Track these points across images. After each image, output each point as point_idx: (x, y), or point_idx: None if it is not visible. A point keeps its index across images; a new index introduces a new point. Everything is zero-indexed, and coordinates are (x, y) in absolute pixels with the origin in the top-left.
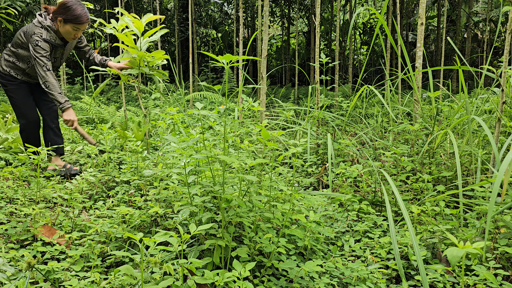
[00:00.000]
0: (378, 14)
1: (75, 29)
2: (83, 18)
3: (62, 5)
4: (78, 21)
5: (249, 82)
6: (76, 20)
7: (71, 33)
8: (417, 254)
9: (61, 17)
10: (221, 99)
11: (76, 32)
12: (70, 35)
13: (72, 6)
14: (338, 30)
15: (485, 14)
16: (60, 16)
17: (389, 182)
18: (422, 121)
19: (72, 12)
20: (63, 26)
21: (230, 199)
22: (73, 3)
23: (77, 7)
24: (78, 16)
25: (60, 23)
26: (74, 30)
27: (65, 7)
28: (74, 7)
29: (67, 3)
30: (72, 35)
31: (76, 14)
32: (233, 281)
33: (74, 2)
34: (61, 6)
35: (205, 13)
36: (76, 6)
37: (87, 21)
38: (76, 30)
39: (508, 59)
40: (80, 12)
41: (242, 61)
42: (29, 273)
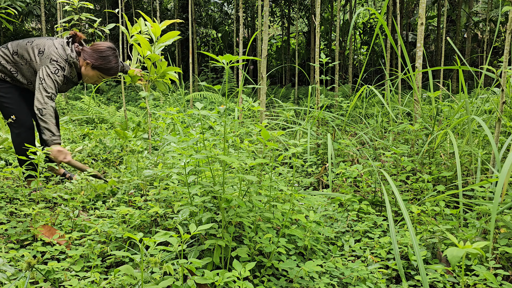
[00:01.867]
0: (378, 14)
1: (100, 77)
2: (114, 71)
3: (97, 51)
4: (108, 73)
5: (249, 82)
6: (108, 71)
7: (93, 79)
8: (417, 254)
9: (91, 61)
10: (221, 99)
11: (98, 80)
12: (91, 79)
13: (108, 57)
14: (338, 30)
15: (485, 14)
16: (90, 60)
17: (389, 182)
18: (422, 121)
19: (107, 63)
20: (88, 70)
21: (230, 199)
22: (110, 54)
23: (113, 60)
24: (111, 68)
25: (87, 66)
26: (98, 78)
27: (100, 55)
28: (110, 59)
29: (103, 51)
30: (93, 80)
31: (109, 66)
32: (233, 281)
33: (111, 53)
34: (96, 51)
35: (205, 13)
36: (112, 58)
37: (115, 74)
38: (100, 78)
39: (508, 59)
40: (114, 65)
41: (242, 61)
42: (29, 273)
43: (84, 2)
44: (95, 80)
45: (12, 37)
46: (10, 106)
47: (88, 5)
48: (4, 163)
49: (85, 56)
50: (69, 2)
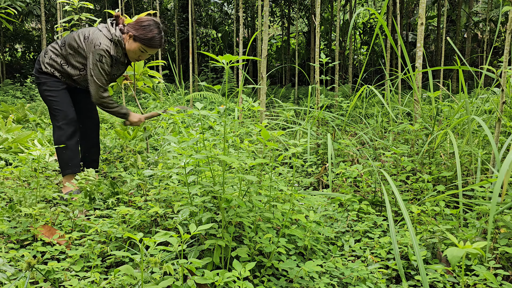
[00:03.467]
0: (378, 14)
1: (142, 50)
2: (156, 42)
3: (139, 22)
4: (149, 44)
5: (249, 82)
6: (148, 42)
7: (136, 53)
8: (417, 254)
9: (132, 33)
10: (221, 99)
11: (142, 54)
12: (134, 54)
13: (149, 26)
14: (338, 30)
15: (485, 14)
16: (132, 31)
17: (389, 182)
18: (422, 121)
19: (147, 33)
20: (131, 43)
21: (230, 199)
22: (151, 24)
23: (154, 29)
24: (151, 39)
25: (130, 39)
26: (140, 52)
27: (141, 25)
28: (150, 28)
29: (144, 21)
30: (136, 55)
31: (150, 36)
32: (233, 281)
33: (153, 23)
34: (137, 22)
35: (205, 13)
36: (153, 28)
37: (158, 47)
38: (143, 52)
39: (508, 59)
40: (155, 35)
41: (242, 61)
42: (29, 273)
43: (84, 2)
44: (138, 55)
45: (12, 37)
46: (54, 99)
47: (88, 5)
48: (4, 163)
49: (128, 29)
50: (69, 2)
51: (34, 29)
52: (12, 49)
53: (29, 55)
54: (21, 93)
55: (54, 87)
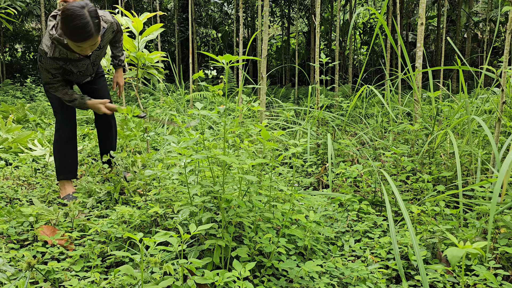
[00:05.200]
0: (378, 14)
1: (76, 45)
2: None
3: (61, 13)
4: (73, 39)
5: (249, 82)
6: (71, 37)
7: (75, 48)
8: (417, 254)
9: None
10: (221, 99)
11: (81, 48)
12: (75, 49)
13: (65, 19)
14: (338, 30)
15: (485, 14)
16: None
17: (389, 182)
18: (422, 121)
19: (66, 27)
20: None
21: (230, 199)
22: (69, 14)
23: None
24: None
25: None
26: (76, 46)
27: (62, 18)
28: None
29: (62, 13)
30: (79, 50)
31: (68, 30)
32: (233, 281)
33: (71, 13)
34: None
35: (205, 13)
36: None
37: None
38: (78, 46)
39: (508, 59)
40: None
41: (242, 61)
42: (29, 273)
43: None
44: (79, 50)
45: (12, 37)
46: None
47: None
48: (4, 163)
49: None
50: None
51: (34, 29)
52: (12, 49)
53: (29, 55)
54: (21, 93)
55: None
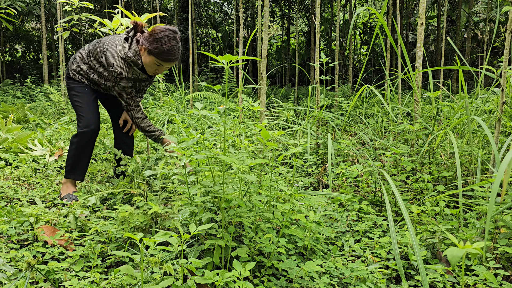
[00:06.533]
0: (378, 14)
1: (157, 64)
2: (172, 55)
3: (152, 34)
4: (163, 58)
5: (249, 82)
6: (162, 56)
7: (152, 67)
8: (417, 254)
9: (146, 46)
10: (221, 99)
11: (158, 68)
12: (151, 68)
13: (162, 39)
14: (338, 30)
15: (485, 14)
16: (146, 44)
17: (389, 182)
18: (422, 121)
19: (161, 46)
20: (146, 56)
21: (230, 199)
22: (165, 36)
23: (167, 42)
24: (166, 52)
25: (144, 52)
26: (155, 65)
27: (155, 38)
28: (163, 41)
29: (158, 33)
30: (153, 69)
31: (163, 49)
32: (233, 281)
33: (167, 35)
34: (150, 34)
35: (205, 13)
36: (166, 41)
37: (175, 60)
38: (158, 65)
39: (508, 59)
40: (168, 48)
41: (242, 61)
42: (29, 273)
43: (84, 2)
44: (155, 69)
45: (12, 37)
46: (79, 104)
47: (88, 5)
48: (4, 163)
49: (142, 41)
50: (69, 2)
51: (34, 29)
52: (12, 49)
53: (29, 55)
54: (21, 93)
55: (82, 93)
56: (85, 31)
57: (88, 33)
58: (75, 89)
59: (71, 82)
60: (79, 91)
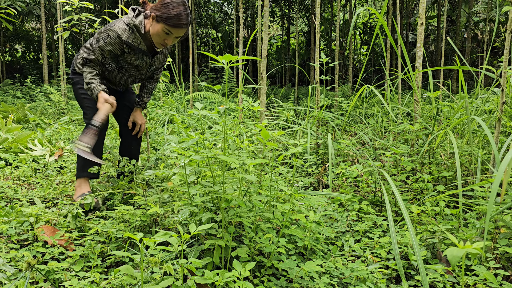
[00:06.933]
0: (378, 14)
1: (167, 31)
2: (180, 20)
3: (160, 1)
4: (173, 23)
5: (249, 82)
6: (169, 20)
7: (161, 36)
8: (417, 254)
9: (155, 13)
10: (221, 99)
11: (166, 38)
12: (159, 38)
13: (169, 4)
14: (338, 30)
15: (485, 14)
16: (155, 11)
17: (389, 182)
18: (422, 121)
19: (170, 10)
20: (154, 25)
21: (230, 199)
22: (173, 1)
23: (176, 7)
24: (173, 17)
25: (153, 20)
26: (164, 34)
27: (163, 3)
28: (171, 6)
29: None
30: (161, 39)
31: (172, 14)
32: (233, 281)
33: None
34: (159, 2)
35: (205, 13)
36: (174, 6)
37: (184, 27)
38: (167, 34)
39: (508, 59)
40: (177, 12)
41: (242, 61)
42: (29, 273)
43: (84, 2)
44: (164, 38)
45: (12, 37)
46: (86, 96)
47: (88, 5)
48: (4, 163)
49: (151, 10)
50: (69, 2)
51: (34, 29)
52: (12, 49)
53: (29, 55)
54: (21, 93)
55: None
56: (85, 31)
57: (88, 33)
58: (80, 83)
59: (76, 76)
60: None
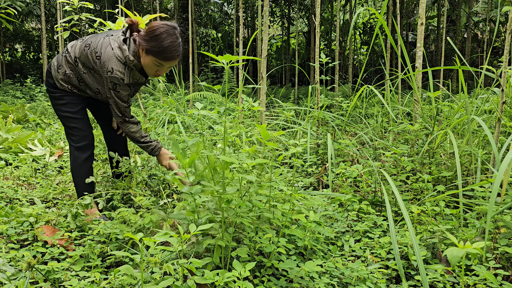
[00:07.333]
0: (378, 14)
1: (157, 64)
2: (171, 53)
3: (149, 31)
4: (162, 56)
5: (249, 82)
6: (161, 54)
7: (152, 68)
8: (417, 254)
9: (144, 46)
10: (221, 99)
11: (159, 69)
12: (151, 70)
13: (160, 35)
14: (338, 30)
15: (485, 14)
16: (143, 43)
17: (389, 182)
18: (422, 121)
19: (160, 43)
20: (144, 57)
21: (230, 199)
22: (163, 32)
23: (166, 38)
24: (164, 50)
25: (142, 52)
26: (156, 66)
27: (151, 35)
28: (162, 37)
29: (156, 30)
30: (153, 71)
31: (163, 46)
32: (233, 281)
33: (165, 30)
34: (147, 32)
35: (205, 13)
36: (165, 36)
37: (177, 58)
38: (158, 66)
39: (508, 59)
40: (168, 45)
41: (242, 61)
42: (29, 273)
43: (84, 2)
44: (155, 70)
45: (12, 37)
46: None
47: (88, 5)
48: (4, 163)
49: (139, 41)
50: (69, 2)
51: (34, 29)
52: (12, 49)
53: (29, 55)
54: (21, 93)
55: (73, 102)
56: (85, 31)
57: (88, 33)
58: (64, 99)
59: (58, 91)
60: (70, 100)
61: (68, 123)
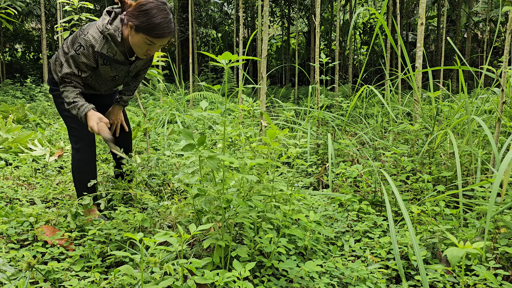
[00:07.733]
0: (378, 14)
1: (148, 42)
2: (161, 30)
3: (138, 6)
4: (153, 33)
5: (249, 82)
6: (151, 31)
7: (142, 47)
8: (417, 254)
9: (132, 22)
10: (221, 99)
11: (149, 48)
12: (140, 49)
13: (150, 11)
14: (338, 30)
15: (485, 14)
16: (132, 19)
17: (389, 182)
18: (422, 121)
19: (149, 19)
20: (133, 35)
21: (230, 199)
22: (153, 7)
23: (157, 14)
24: (155, 27)
25: (131, 30)
26: (146, 44)
27: (141, 10)
28: (152, 12)
29: (145, 4)
30: (143, 50)
31: (153, 23)
32: (233, 281)
33: (155, 6)
34: (136, 7)
35: (205, 13)
36: (156, 12)
37: (167, 35)
38: (150, 44)
39: (508, 59)
40: (159, 21)
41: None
42: (29, 273)
43: (84, 2)
44: (146, 49)
45: (12, 37)
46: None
47: (88, 5)
48: (4, 163)
49: (127, 18)
50: (69, 2)
51: (34, 29)
52: (12, 49)
53: (29, 55)
54: (21, 93)
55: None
56: None
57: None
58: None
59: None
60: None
61: (67, 122)
